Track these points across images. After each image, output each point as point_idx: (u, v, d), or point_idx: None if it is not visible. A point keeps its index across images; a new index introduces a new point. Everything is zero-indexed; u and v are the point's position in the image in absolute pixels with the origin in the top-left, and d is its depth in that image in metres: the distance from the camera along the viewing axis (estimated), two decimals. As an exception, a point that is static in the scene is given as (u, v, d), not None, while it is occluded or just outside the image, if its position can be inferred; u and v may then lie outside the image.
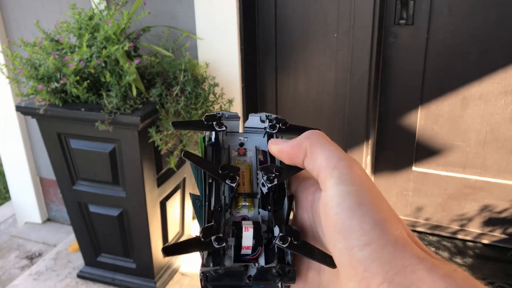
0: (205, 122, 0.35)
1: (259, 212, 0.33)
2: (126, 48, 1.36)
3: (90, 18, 1.44)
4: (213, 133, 0.36)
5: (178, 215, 1.76)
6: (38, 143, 2.03)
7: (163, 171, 1.57)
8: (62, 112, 1.40)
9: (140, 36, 1.53)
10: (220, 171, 0.32)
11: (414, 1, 1.53)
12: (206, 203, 0.32)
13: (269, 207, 0.32)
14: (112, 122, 1.35)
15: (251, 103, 1.78)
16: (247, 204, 0.33)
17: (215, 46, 1.64)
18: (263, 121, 0.37)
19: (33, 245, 2.02)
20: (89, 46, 1.37)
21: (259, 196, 0.33)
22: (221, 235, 0.30)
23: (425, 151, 1.72)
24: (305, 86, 1.76)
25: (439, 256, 0.27)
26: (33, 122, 1.84)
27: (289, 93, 1.80)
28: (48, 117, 1.42)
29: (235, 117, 0.37)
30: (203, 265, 0.30)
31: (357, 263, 0.26)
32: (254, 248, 0.31)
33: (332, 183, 0.28)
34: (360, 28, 1.58)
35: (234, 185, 0.32)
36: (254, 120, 0.37)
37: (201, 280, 0.31)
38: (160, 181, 1.56)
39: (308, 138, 0.31)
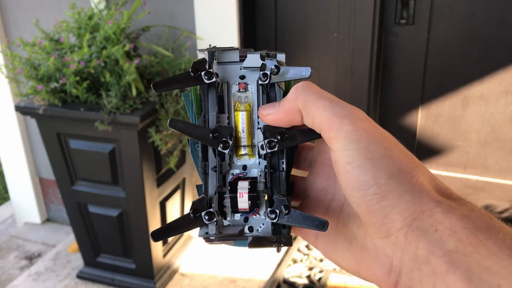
0: (192, 74, 0.31)
1: (259, 163, 0.32)
2: (126, 48, 1.36)
3: (90, 18, 1.43)
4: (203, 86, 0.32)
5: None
6: (37, 143, 2.03)
7: (162, 171, 1.57)
8: (61, 112, 1.40)
9: (139, 36, 1.53)
10: (211, 136, 0.30)
11: (415, 1, 1.53)
12: (199, 169, 0.31)
13: (265, 166, 0.31)
14: (111, 122, 1.34)
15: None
16: (247, 152, 0.32)
17: (215, 46, 1.63)
18: (263, 59, 0.32)
19: (32, 246, 2.01)
20: (88, 46, 1.36)
21: (259, 144, 0.32)
22: (211, 209, 0.30)
23: (425, 151, 1.72)
24: (305, 86, 1.76)
25: (458, 195, 0.27)
26: (33, 122, 1.84)
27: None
28: (47, 117, 1.42)
29: (231, 49, 0.32)
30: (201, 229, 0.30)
31: (375, 212, 0.26)
32: (251, 208, 0.31)
33: (339, 145, 0.27)
34: (360, 27, 1.58)
35: (226, 151, 0.30)
36: (254, 58, 0.32)
37: (204, 239, 0.31)
38: (160, 181, 1.55)
39: (298, 98, 0.29)
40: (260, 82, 0.31)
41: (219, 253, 1.81)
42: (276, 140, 0.30)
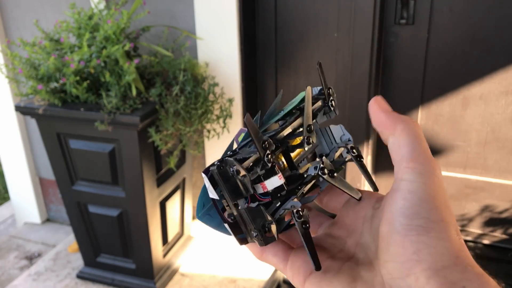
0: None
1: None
2: (126, 48, 1.36)
3: (90, 18, 1.43)
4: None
5: (178, 215, 1.75)
6: (37, 143, 2.03)
7: (162, 171, 1.57)
8: (61, 112, 1.40)
9: (139, 36, 1.53)
10: (263, 148, 0.30)
11: (415, 1, 1.53)
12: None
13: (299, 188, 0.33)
14: (111, 122, 1.34)
15: (251, 103, 1.78)
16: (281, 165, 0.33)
17: (215, 46, 1.63)
18: (341, 139, 0.34)
19: (32, 246, 2.01)
20: (88, 46, 1.36)
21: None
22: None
23: (425, 151, 1.71)
24: (305, 86, 1.76)
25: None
26: (33, 122, 1.84)
27: (289, 93, 1.80)
28: (47, 117, 1.42)
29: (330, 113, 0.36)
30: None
31: (409, 243, 0.26)
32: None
33: (410, 176, 0.27)
34: (360, 27, 1.58)
35: (267, 166, 0.31)
36: (337, 131, 0.35)
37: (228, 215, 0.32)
38: (160, 181, 1.55)
39: (405, 122, 0.30)
40: (318, 172, 0.33)
41: (219, 253, 1.81)
42: (330, 172, 0.32)
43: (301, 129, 0.34)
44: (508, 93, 1.54)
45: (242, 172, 0.29)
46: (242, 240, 0.32)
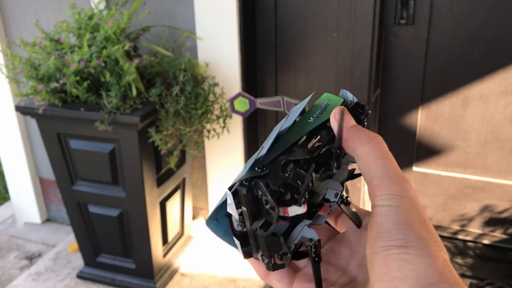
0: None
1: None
2: (126, 48, 1.36)
3: (90, 18, 1.43)
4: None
5: (178, 215, 1.75)
6: (37, 143, 2.03)
7: (163, 171, 1.57)
8: (61, 112, 1.40)
9: (140, 36, 1.53)
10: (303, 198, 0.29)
11: (415, 1, 1.53)
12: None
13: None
14: (111, 122, 1.34)
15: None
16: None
17: (215, 46, 1.63)
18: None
19: (32, 246, 2.01)
20: (89, 46, 1.37)
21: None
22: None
23: (425, 151, 1.72)
24: (305, 86, 1.76)
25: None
26: (33, 122, 1.84)
27: (289, 93, 1.80)
28: (47, 117, 1.42)
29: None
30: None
31: (392, 261, 0.26)
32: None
33: (384, 198, 0.28)
34: (360, 28, 1.58)
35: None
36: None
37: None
38: (160, 181, 1.55)
39: (373, 141, 0.30)
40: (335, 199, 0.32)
41: (219, 253, 1.81)
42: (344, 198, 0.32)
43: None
44: (508, 93, 1.54)
45: (271, 205, 0.28)
46: (247, 254, 0.31)
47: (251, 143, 1.84)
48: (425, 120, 1.67)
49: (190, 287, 1.66)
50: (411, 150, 1.73)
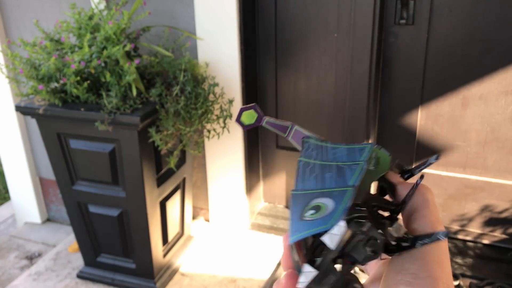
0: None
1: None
2: (127, 48, 1.36)
3: (90, 18, 1.43)
4: None
5: (178, 215, 1.76)
6: (37, 143, 2.03)
7: (163, 171, 1.57)
8: (61, 112, 1.40)
9: (140, 36, 1.53)
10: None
11: (415, 1, 1.53)
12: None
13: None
14: (111, 122, 1.34)
15: (251, 103, 1.78)
16: None
17: (215, 46, 1.63)
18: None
19: (32, 245, 2.02)
20: (89, 46, 1.37)
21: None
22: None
23: (425, 151, 1.72)
24: (305, 86, 1.76)
25: None
26: (33, 122, 1.84)
27: (289, 93, 1.80)
28: (47, 117, 1.42)
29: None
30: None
31: None
32: None
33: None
34: (360, 28, 1.58)
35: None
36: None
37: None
38: (160, 181, 1.55)
39: (420, 189, 0.31)
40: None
41: (219, 253, 1.81)
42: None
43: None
44: (508, 93, 1.54)
45: (377, 251, 0.28)
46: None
47: (251, 143, 1.84)
48: (425, 120, 1.68)
49: (190, 287, 1.66)
50: (411, 150, 1.73)
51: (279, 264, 1.70)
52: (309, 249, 0.29)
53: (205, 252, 1.82)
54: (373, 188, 0.34)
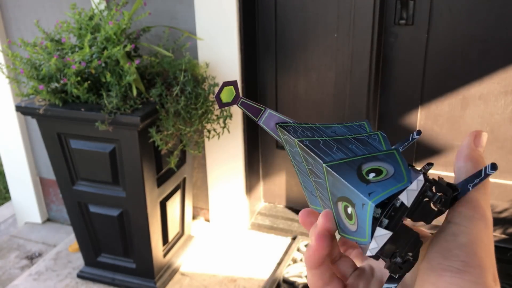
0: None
1: None
2: (127, 49, 1.36)
3: (90, 18, 1.44)
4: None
5: (178, 215, 1.76)
6: (38, 143, 2.03)
7: (163, 171, 1.57)
8: (62, 112, 1.40)
9: (140, 36, 1.53)
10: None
11: (414, 1, 1.53)
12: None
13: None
14: (112, 122, 1.35)
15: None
16: None
17: (215, 46, 1.64)
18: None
19: (33, 245, 2.02)
20: (89, 47, 1.37)
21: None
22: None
23: (425, 151, 1.72)
24: (305, 86, 1.76)
25: None
26: (33, 122, 1.85)
27: (289, 93, 1.80)
28: (48, 117, 1.42)
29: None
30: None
31: (442, 284, 0.26)
32: None
33: (459, 217, 0.28)
34: (360, 28, 1.58)
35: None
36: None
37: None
38: (160, 181, 1.56)
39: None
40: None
41: (219, 252, 1.81)
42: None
43: None
44: (507, 93, 1.54)
45: (439, 211, 0.27)
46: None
47: (251, 143, 1.84)
48: (424, 120, 1.68)
49: (190, 287, 1.66)
50: (411, 150, 1.73)
51: (279, 264, 1.70)
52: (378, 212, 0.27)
53: (205, 252, 1.82)
54: None
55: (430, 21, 1.54)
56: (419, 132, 0.34)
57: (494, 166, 0.27)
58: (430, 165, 0.33)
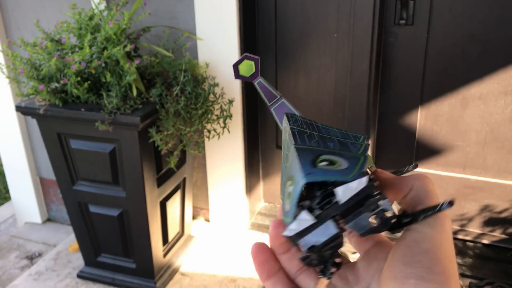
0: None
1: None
2: (127, 49, 1.36)
3: (90, 18, 1.44)
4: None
5: (178, 215, 1.76)
6: (38, 143, 2.03)
7: (163, 171, 1.57)
8: (62, 112, 1.40)
9: (140, 36, 1.53)
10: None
11: (414, 1, 1.53)
12: None
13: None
14: (112, 122, 1.35)
15: (251, 103, 1.79)
16: None
17: (215, 46, 1.64)
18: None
19: (33, 245, 2.02)
20: (89, 47, 1.37)
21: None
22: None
23: (425, 151, 1.72)
24: (305, 86, 1.76)
25: None
26: (33, 122, 1.85)
27: (289, 93, 1.80)
28: (48, 117, 1.42)
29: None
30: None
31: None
32: None
33: (420, 224, 0.27)
34: (360, 28, 1.58)
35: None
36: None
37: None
38: (160, 181, 1.56)
39: (421, 179, 0.30)
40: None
41: (219, 252, 1.81)
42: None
43: None
44: (507, 93, 1.54)
45: (376, 227, 0.26)
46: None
47: (251, 143, 1.84)
48: (424, 120, 1.68)
49: (190, 287, 1.66)
50: (411, 150, 1.73)
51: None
52: (311, 199, 0.27)
53: (205, 252, 1.82)
54: None
55: (430, 21, 1.54)
56: (415, 165, 0.33)
57: (451, 203, 0.27)
58: (415, 166, 0.33)
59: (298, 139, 0.31)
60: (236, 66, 0.35)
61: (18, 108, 1.45)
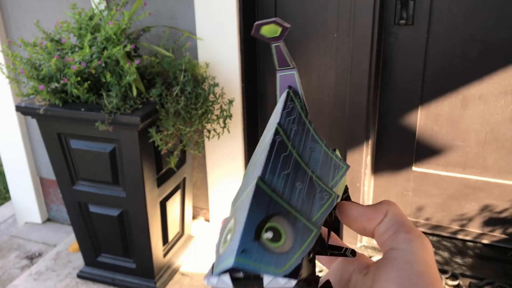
0: None
1: None
2: (127, 49, 1.36)
3: (90, 18, 1.44)
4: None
5: (178, 215, 1.76)
6: (38, 143, 2.03)
7: (163, 171, 1.57)
8: (62, 112, 1.40)
9: (140, 36, 1.53)
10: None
11: (414, 1, 1.53)
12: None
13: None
14: (112, 122, 1.35)
15: (251, 103, 1.79)
16: None
17: (215, 46, 1.64)
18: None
19: (33, 245, 2.02)
20: (89, 47, 1.37)
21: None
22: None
23: (425, 151, 1.72)
24: (305, 86, 1.76)
25: None
26: (33, 122, 1.85)
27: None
28: (48, 117, 1.42)
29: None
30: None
31: None
32: None
33: (409, 244, 0.28)
34: (360, 28, 1.58)
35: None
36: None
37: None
38: (160, 181, 1.56)
39: (392, 205, 0.30)
40: None
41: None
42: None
43: None
44: (507, 93, 1.54)
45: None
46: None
47: (251, 143, 1.84)
48: (424, 120, 1.68)
49: (190, 287, 1.66)
50: (411, 150, 1.73)
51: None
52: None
53: (205, 252, 1.82)
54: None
55: (430, 21, 1.54)
56: (354, 253, 0.32)
57: (353, 253, 0.27)
58: (353, 254, 0.31)
59: (272, 160, 0.27)
60: (259, 26, 0.32)
61: (18, 108, 1.45)
